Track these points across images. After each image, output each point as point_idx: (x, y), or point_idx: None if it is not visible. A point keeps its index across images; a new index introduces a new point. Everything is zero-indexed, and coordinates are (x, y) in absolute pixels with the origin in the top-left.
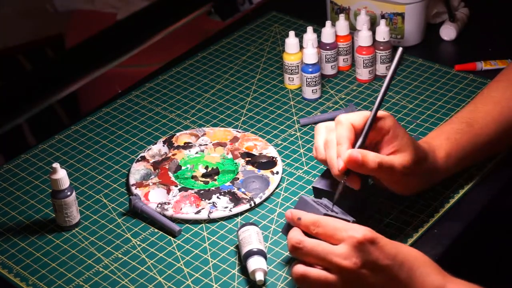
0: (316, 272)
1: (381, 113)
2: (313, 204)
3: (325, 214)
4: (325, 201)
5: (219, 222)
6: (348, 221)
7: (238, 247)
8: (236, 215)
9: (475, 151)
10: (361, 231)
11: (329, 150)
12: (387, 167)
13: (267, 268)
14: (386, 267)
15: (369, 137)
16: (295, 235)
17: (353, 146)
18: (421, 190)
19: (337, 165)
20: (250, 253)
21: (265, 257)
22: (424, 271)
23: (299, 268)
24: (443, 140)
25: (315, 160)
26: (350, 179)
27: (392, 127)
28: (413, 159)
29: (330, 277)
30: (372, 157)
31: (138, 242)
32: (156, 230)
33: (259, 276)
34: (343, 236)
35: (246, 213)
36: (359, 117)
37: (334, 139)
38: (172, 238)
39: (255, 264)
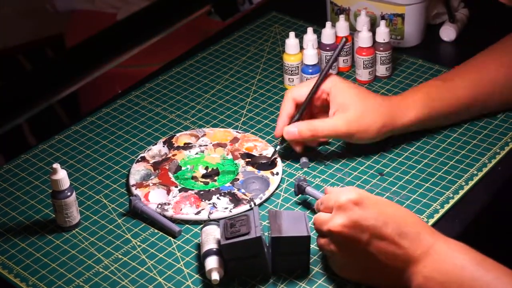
0: (321, 241)
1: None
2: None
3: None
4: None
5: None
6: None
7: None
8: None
9: (448, 105)
10: (346, 195)
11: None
12: (323, 134)
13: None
14: (369, 226)
15: (317, 100)
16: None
17: (293, 117)
18: (385, 135)
19: (275, 133)
20: (208, 253)
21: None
22: (413, 229)
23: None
24: (416, 92)
25: (315, 161)
26: (294, 143)
27: (332, 87)
28: (349, 119)
29: (326, 242)
30: (304, 130)
31: (138, 243)
32: (156, 231)
33: (215, 276)
34: (332, 204)
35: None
36: (302, 89)
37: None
38: (172, 239)
39: (212, 263)
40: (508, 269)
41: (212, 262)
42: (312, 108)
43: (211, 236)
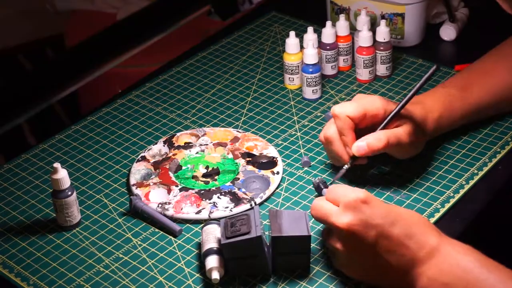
0: (327, 237)
1: (372, 100)
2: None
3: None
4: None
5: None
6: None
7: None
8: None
9: (463, 115)
10: (355, 193)
11: (334, 142)
12: (394, 142)
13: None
14: (377, 225)
15: (363, 121)
16: (316, 199)
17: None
18: (418, 152)
19: (347, 153)
20: (209, 252)
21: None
22: (419, 230)
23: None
24: (435, 101)
25: (316, 160)
26: (358, 160)
27: (383, 105)
28: (414, 127)
29: (331, 239)
30: (376, 141)
31: (139, 242)
32: (156, 230)
33: (215, 275)
34: (340, 198)
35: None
36: (353, 107)
37: (335, 132)
38: (172, 238)
39: (212, 262)
40: None
41: (212, 261)
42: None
43: (212, 235)
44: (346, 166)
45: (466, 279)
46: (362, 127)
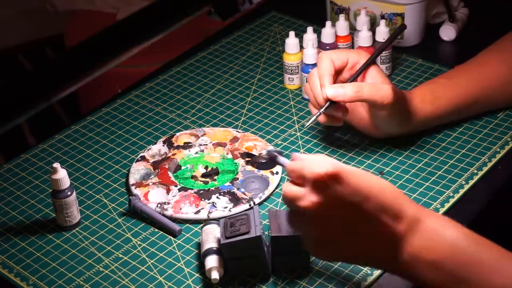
0: (294, 219)
1: (357, 51)
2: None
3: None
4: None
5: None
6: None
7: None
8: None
9: (450, 102)
10: (323, 167)
11: (313, 82)
12: (371, 95)
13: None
14: (350, 203)
15: (348, 70)
16: (284, 185)
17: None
18: (393, 133)
19: (322, 94)
20: (208, 252)
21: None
22: (394, 202)
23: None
24: (420, 87)
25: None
26: (334, 108)
27: (366, 57)
28: (392, 88)
29: (300, 221)
30: (353, 87)
31: (139, 242)
32: (156, 230)
33: (214, 275)
34: (306, 175)
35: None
36: (336, 53)
37: (315, 73)
38: (172, 238)
39: (211, 262)
40: (498, 245)
41: (212, 261)
42: (336, 78)
43: (211, 235)
44: (319, 111)
45: (453, 254)
46: (346, 77)
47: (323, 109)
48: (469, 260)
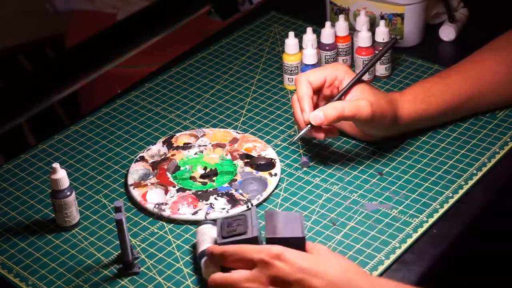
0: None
1: (334, 66)
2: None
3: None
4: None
5: None
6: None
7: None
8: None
9: (442, 101)
10: (266, 250)
11: (294, 107)
12: (352, 112)
13: None
14: (296, 280)
15: (328, 88)
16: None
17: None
18: (385, 136)
19: (302, 118)
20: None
21: None
22: (347, 277)
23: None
24: (411, 87)
25: (315, 161)
26: (315, 130)
27: (345, 73)
28: (378, 100)
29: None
30: (331, 110)
31: (138, 242)
32: (155, 231)
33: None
34: (250, 258)
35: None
36: (314, 73)
37: (295, 98)
38: (171, 239)
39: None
40: None
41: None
42: (318, 97)
43: (207, 236)
44: (302, 132)
45: None
46: (327, 94)
47: (302, 132)
48: None
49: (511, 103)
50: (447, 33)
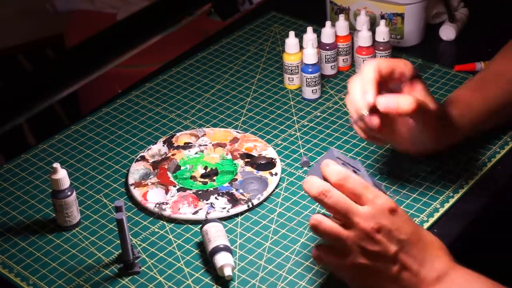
0: (330, 224)
1: (404, 62)
2: (339, 160)
3: (353, 171)
4: (351, 161)
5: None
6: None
7: (203, 244)
8: (236, 215)
9: (484, 111)
10: (387, 199)
11: (352, 89)
12: (422, 108)
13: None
14: (401, 240)
15: (393, 80)
16: (324, 184)
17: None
18: (434, 149)
19: (360, 102)
20: (217, 250)
21: (231, 253)
22: (434, 254)
23: (316, 217)
24: (455, 100)
25: (315, 160)
26: (373, 118)
27: (410, 67)
28: (438, 107)
29: (344, 233)
30: (405, 101)
31: (139, 242)
32: (156, 230)
33: (228, 272)
34: (369, 198)
35: (247, 213)
36: (382, 61)
37: (357, 80)
38: (172, 238)
39: (223, 259)
40: None
41: (222, 259)
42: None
43: (218, 233)
44: (364, 117)
45: None
46: (388, 88)
47: (365, 114)
48: None
49: None
50: (447, 33)
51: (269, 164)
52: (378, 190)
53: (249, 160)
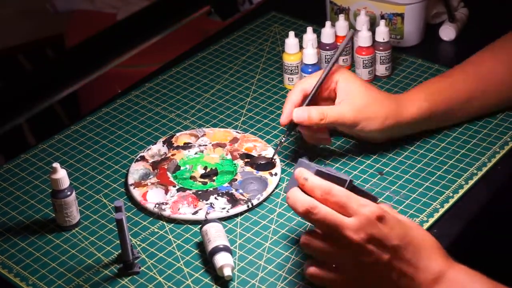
0: (320, 240)
1: (336, 66)
2: (310, 164)
3: (319, 171)
4: (323, 168)
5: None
6: (345, 180)
7: (203, 244)
8: (236, 215)
9: (444, 99)
10: (373, 207)
11: (286, 100)
12: (330, 120)
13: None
14: (393, 246)
15: (325, 91)
16: (309, 200)
17: (302, 103)
18: (389, 137)
19: (281, 120)
20: (216, 250)
21: (231, 253)
22: (428, 254)
23: (306, 235)
24: (415, 87)
25: (315, 160)
26: (301, 127)
27: (339, 78)
28: (355, 108)
29: (335, 249)
30: (314, 113)
31: (138, 242)
32: (156, 230)
33: (227, 272)
34: (355, 209)
35: (246, 213)
36: (311, 80)
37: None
38: (172, 238)
39: (223, 260)
40: None
41: (222, 259)
42: (318, 99)
43: (217, 233)
44: (283, 139)
45: None
46: (325, 96)
47: (284, 139)
48: None
49: None
50: (447, 32)
51: (269, 164)
52: (361, 197)
53: (248, 160)
